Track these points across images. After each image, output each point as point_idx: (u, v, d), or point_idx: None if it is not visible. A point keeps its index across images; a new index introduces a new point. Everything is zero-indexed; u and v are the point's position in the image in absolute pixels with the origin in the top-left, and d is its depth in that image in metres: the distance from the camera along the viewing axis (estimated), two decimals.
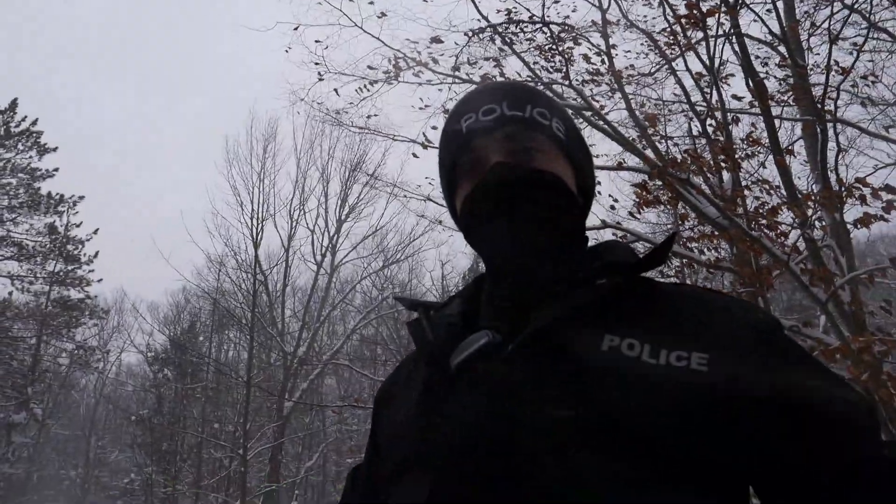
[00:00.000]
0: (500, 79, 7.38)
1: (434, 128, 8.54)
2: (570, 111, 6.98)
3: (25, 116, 26.28)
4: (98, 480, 34.65)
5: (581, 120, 7.18)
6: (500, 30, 7.68)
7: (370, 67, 8.24)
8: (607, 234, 6.30)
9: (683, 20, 5.91)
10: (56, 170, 26.74)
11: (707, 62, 5.67)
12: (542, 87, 7.06)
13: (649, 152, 6.59)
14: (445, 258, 34.67)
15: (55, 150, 26.85)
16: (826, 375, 0.86)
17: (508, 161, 0.99)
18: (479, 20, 7.65)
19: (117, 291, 36.73)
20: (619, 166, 7.17)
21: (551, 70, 7.37)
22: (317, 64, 8.96)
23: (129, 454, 33.78)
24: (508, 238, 0.96)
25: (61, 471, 35.45)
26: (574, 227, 1.03)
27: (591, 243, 1.09)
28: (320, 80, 8.88)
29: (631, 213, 6.66)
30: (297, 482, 25.15)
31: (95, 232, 27.64)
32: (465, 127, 1.04)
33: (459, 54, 7.84)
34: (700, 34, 5.78)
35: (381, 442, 1.07)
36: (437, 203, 9.06)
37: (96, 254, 27.66)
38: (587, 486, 0.77)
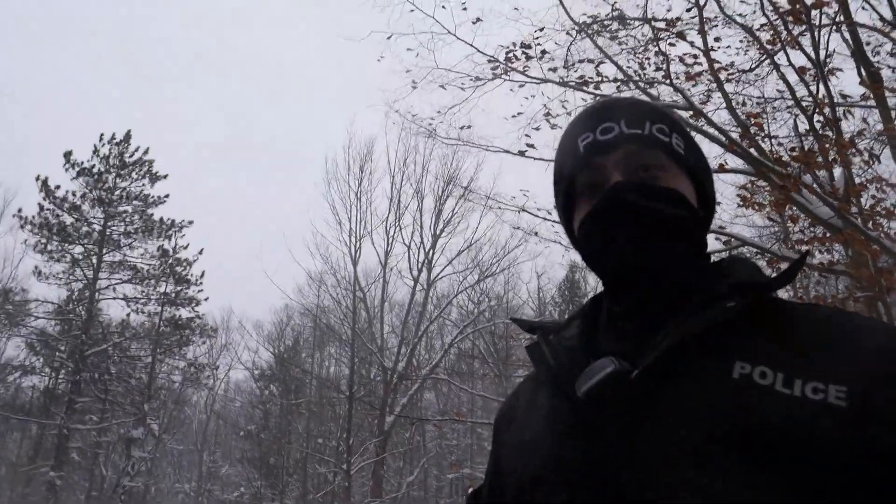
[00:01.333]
0: (596, 79, 7.26)
1: (537, 128, 8.34)
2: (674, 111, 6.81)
3: (138, 147, 27.93)
4: (210, 493, 36.03)
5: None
6: (601, 27, 7.55)
7: (492, 60, 8.14)
8: (710, 239, 6.04)
9: (786, 14, 5.65)
10: (167, 196, 28.24)
11: (812, 55, 5.38)
12: (640, 90, 6.89)
13: (753, 151, 6.30)
14: (541, 270, 34.35)
15: (166, 177, 28.38)
16: None
17: (629, 180, 0.97)
18: (572, 26, 7.56)
19: (224, 310, 38.17)
20: (722, 169, 6.90)
21: (643, 76, 7.19)
22: (408, 71, 9.05)
23: (238, 468, 35.04)
24: (632, 253, 0.94)
25: (176, 484, 37.16)
26: (697, 243, 1.01)
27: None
28: (414, 87, 8.97)
29: (771, 215, 6.33)
30: (398, 497, 25.35)
31: (201, 252, 28.89)
32: (583, 146, 1.02)
33: (567, 55, 7.71)
34: (804, 26, 5.50)
35: (505, 462, 1.07)
36: (531, 213, 8.98)
37: (202, 274, 28.93)
38: None
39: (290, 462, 31.69)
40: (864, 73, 5.31)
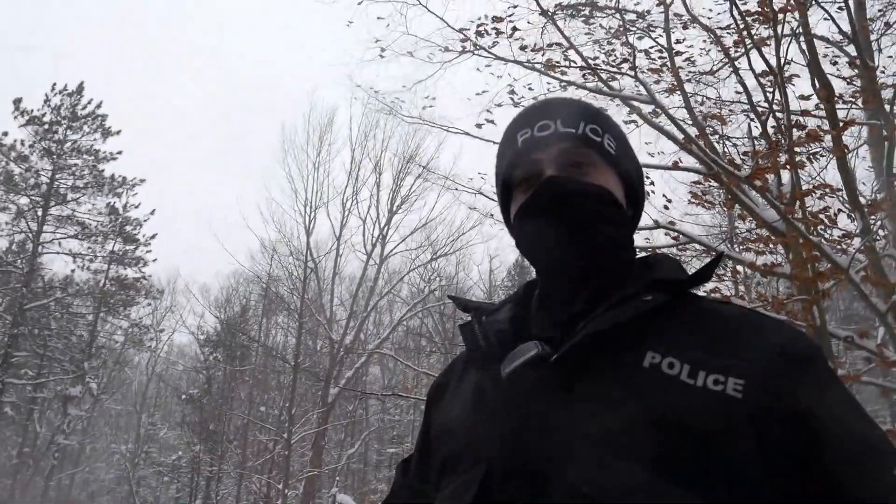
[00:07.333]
0: (563, 64, 7.30)
1: (499, 104, 8.24)
2: (635, 103, 6.86)
3: (91, 99, 27.14)
4: (147, 455, 35.59)
5: (637, 118, 7.05)
6: (575, 11, 7.53)
7: (461, 31, 7.92)
8: (659, 234, 6.20)
9: (752, 17, 5.77)
10: (119, 153, 27.56)
11: (774, 62, 5.50)
12: (602, 81, 6.94)
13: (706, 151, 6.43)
14: (494, 252, 34.60)
15: (119, 133, 27.66)
16: (852, 409, 0.88)
17: (560, 175, 1.03)
18: (546, 6, 7.51)
19: (171, 272, 37.65)
20: (675, 166, 7.04)
21: (612, 63, 7.25)
22: (377, 41, 8.93)
23: (177, 432, 34.70)
24: (559, 248, 1.01)
25: (112, 444, 36.56)
26: (623, 238, 1.07)
27: (643, 242, 1.11)
28: (382, 55, 8.85)
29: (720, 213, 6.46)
30: (338, 468, 25.44)
31: (152, 213, 28.41)
32: (521, 141, 1.08)
33: (541, 34, 7.62)
34: (769, 32, 5.61)
35: (433, 437, 1.12)
36: (487, 197, 8.97)
37: (153, 235, 28.42)
38: (623, 496, 0.80)
39: (231, 428, 31.47)
40: (817, 84, 5.46)
